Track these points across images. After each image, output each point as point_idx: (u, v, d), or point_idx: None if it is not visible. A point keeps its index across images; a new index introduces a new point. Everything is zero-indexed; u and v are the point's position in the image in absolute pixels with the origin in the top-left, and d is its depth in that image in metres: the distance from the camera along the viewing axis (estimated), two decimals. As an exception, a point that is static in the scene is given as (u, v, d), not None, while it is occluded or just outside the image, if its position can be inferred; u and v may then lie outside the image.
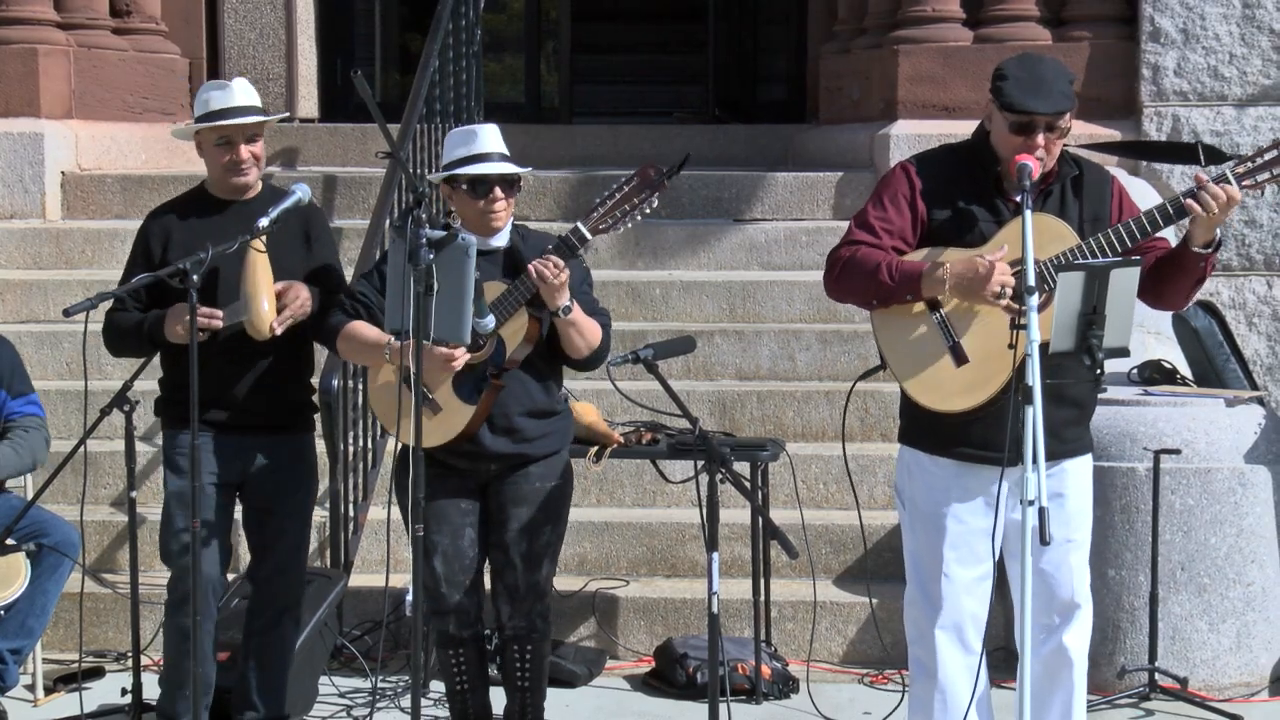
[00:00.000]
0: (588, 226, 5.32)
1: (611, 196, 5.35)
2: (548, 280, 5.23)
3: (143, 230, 5.73)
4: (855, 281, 4.91)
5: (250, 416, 5.57)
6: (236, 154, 5.57)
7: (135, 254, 5.71)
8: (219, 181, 5.66)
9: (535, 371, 5.47)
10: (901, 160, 5.08)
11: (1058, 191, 4.89)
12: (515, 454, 5.48)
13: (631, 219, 5.33)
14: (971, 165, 4.91)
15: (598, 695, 6.64)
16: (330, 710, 6.35)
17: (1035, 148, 4.76)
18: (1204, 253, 4.79)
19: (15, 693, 6.37)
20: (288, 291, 5.48)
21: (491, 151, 5.46)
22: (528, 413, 5.47)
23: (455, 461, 5.46)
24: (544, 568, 5.56)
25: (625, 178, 5.37)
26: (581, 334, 5.38)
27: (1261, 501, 6.66)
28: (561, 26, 12.77)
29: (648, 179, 5.32)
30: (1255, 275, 9.07)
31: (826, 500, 7.52)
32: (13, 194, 9.38)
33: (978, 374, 4.79)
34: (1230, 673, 6.60)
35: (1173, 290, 4.92)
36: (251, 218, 5.47)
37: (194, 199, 5.75)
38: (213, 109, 5.57)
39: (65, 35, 9.83)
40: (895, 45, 9.52)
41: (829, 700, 6.48)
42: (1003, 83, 4.79)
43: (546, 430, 5.54)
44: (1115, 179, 5.04)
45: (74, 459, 5.79)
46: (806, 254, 8.88)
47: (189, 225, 5.62)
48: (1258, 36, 9.08)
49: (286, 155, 10.48)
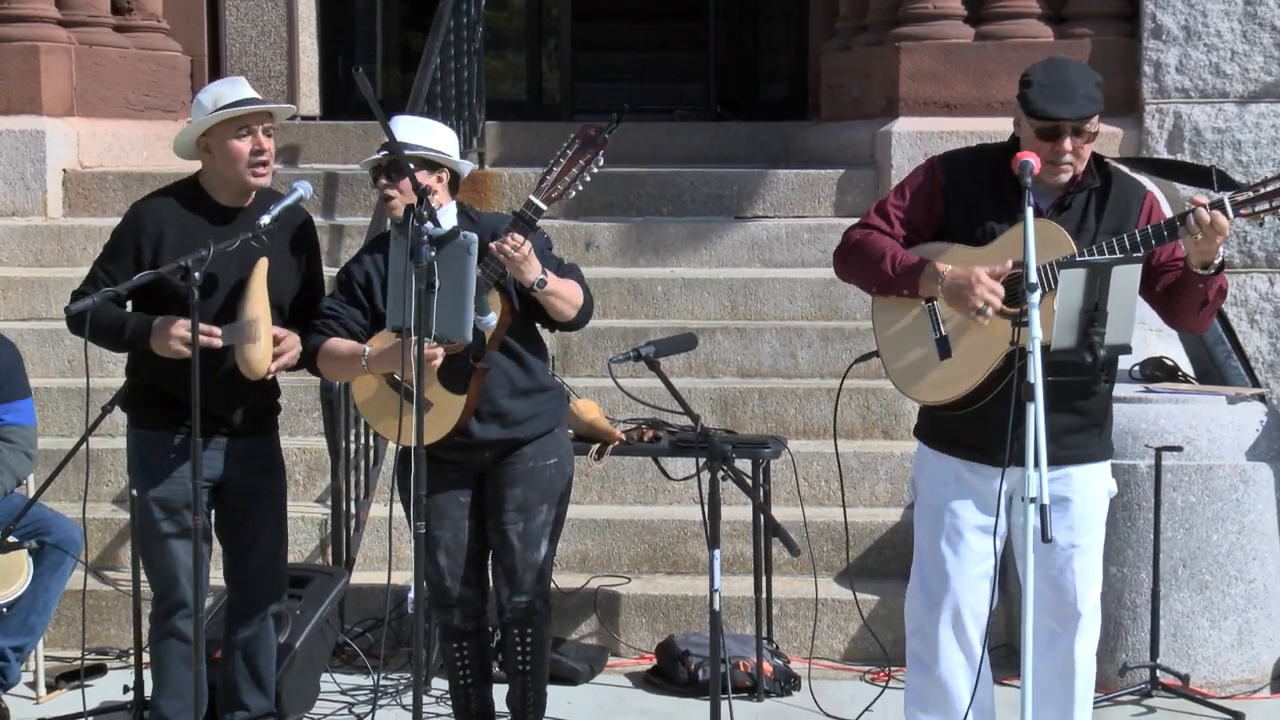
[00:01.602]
0: (540, 197, 5.30)
1: (558, 163, 5.32)
2: (513, 257, 5.19)
3: (134, 221, 5.50)
4: (860, 265, 4.99)
5: (220, 422, 5.47)
6: (258, 142, 5.38)
7: (122, 244, 5.49)
8: (236, 181, 5.44)
9: (510, 352, 5.45)
10: (933, 156, 5.14)
11: (1079, 203, 4.89)
12: (507, 439, 5.48)
13: (581, 181, 5.32)
14: (997, 168, 4.91)
15: (599, 693, 6.65)
16: (332, 707, 6.35)
17: (1064, 153, 4.78)
18: (1203, 274, 4.78)
19: (17, 690, 6.37)
20: (285, 340, 5.41)
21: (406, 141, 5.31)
22: (511, 394, 5.46)
23: (450, 455, 5.45)
24: (542, 547, 5.54)
25: (566, 143, 5.34)
26: (563, 298, 5.36)
27: (1263, 499, 6.67)
28: (563, 24, 12.77)
29: (589, 139, 5.32)
30: (1257, 272, 9.07)
31: (828, 497, 7.52)
32: (14, 191, 9.39)
33: (957, 370, 4.84)
34: (1232, 670, 6.61)
35: (1181, 310, 4.93)
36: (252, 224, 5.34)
37: (191, 202, 5.51)
38: (227, 101, 5.40)
39: (67, 33, 9.84)
40: (896, 42, 9.52)
41: (831, 697, 6.48)
42: (1028, 89, 4.81)
43: (535, 410, 5.52)
44: (1149, 195, 5.01)
45: (75, 456, 5.77)
46: (808, 251, 8.88)
47: (186, 232, 5.41)
48: (1259, 33, 9.08)
49: (288, 152, 10.47)
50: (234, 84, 5.52)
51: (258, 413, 5.63)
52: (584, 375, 7.96)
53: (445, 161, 5.45)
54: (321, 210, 9.13)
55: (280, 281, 5.46)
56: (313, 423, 7.69)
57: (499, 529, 5.54)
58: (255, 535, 5.65)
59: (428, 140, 5.43)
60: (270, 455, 5.70)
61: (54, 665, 6.70)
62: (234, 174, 5.43)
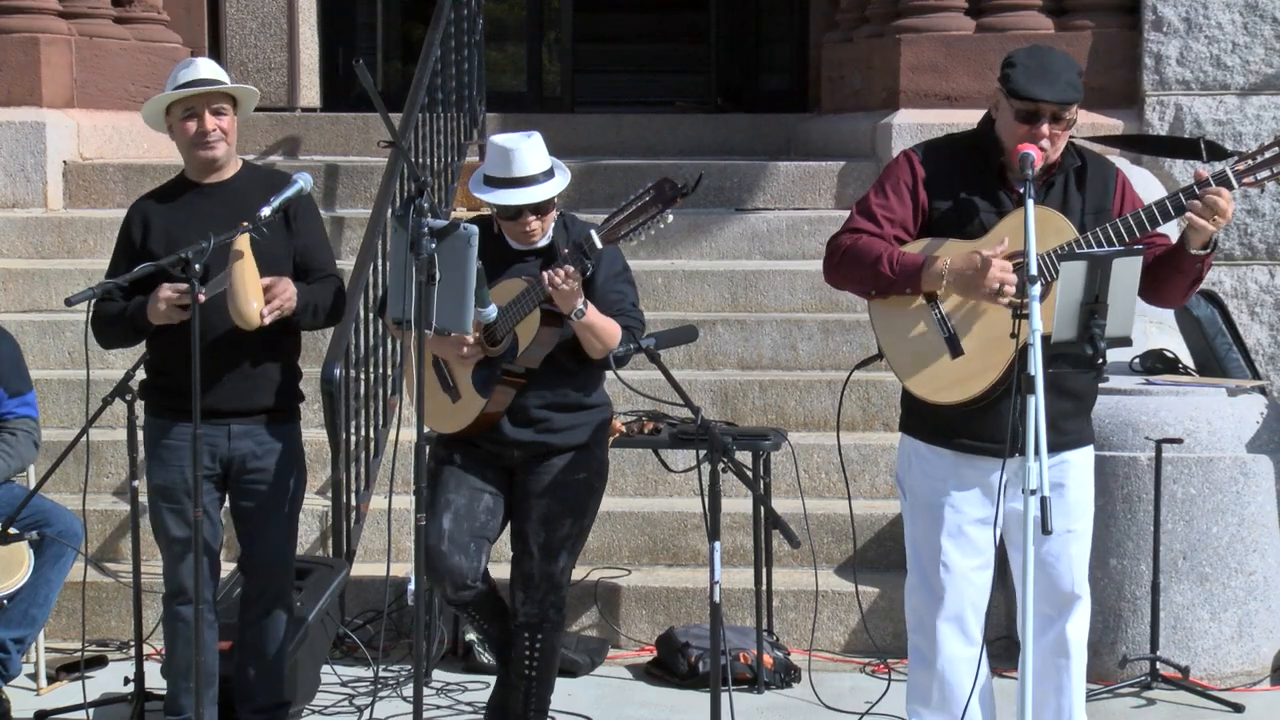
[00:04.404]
0: (600, 235, 5.32)
1: (628, 208, 5.31)
2: (558, 288, 5.25)
3: (125, 219, 5.70)
4: (855, 270, 4.92)
5: (235, 404, 5.51)
6: (202, 123, 5.51)
7: (119, 243, 5.67)
8: (190, 160, 5.62)
9: (562, 368, 5.48)
10: (905, 148, 5.09)
11: (1060, 183, 4.90)
12: (539, 443, 5.49)
13: (645, 232, 5.32)
14: (975, 155, 4.92)
15: (600, 684, 6.66)
16: (333, 699, 6.36)
17: (1040, 137, 4.77)
18: (1200, 254, 4.79)
19: (18, 681, 6.37)
20: (275, 285, 5.42)
21: (529, 174, 5.39)
22: (549, 405, 5.48)
23: (482, 443, 5.52)
24: (561, 559, 5.56)
25: (642, 189, 5.31)
26: (597, 336, 5.36)
27: (1263, 491, 6.68)
28: (564, 16, 12.78)
29: (663, 194, 5.28)
30: (1258, 264, 9.08)
31: (828, 490, 7.53)
32: (15, 183, 9.42)
33: (973, 366, 4.80)
34: (1232, 662, 6.62)
35: (1169, 289, 4.93)
36: (232, 198, 5.46)
37: (174, 186, 5.72)
38: (179, 84, 5.54)
39: (67, 24, 9.86)
40: (897, 34, 9.54)
41: (831, 689, 6.49)
42: (1011, 70, 4.81)
43: (575, 423, 5.54)
44: (1119, 171, 5.04)
45: (76, 448, 5.79)
46: (808, 243, 8.90)
47: (166, 210, 5.59)
48: (1260, 25, 9.09)
49: (289, 144, 10.50)
50: (189, 65, 5.64)
51: (274, 396, 5.62)
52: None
53: (555, 196, 5.48)
54: (322, 202, 9.13)
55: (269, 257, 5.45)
56: (313, 415, 7.66)
57: (521, 535, 5.57)
58: (268, 522, 5.67)
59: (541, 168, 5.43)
60: (287, 442, 5.68)
61: (55, 657, 6.72)
62: (185, 152, 5.63)
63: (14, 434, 6.29)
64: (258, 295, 5.36)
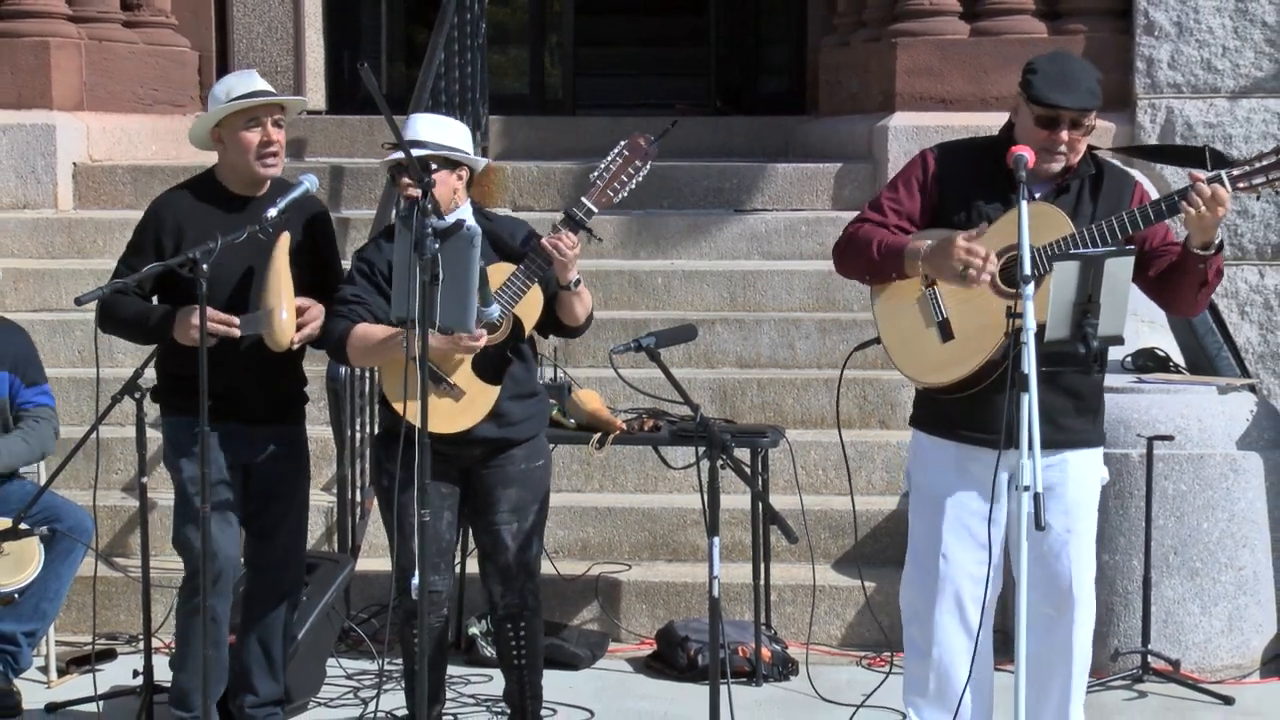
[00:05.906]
0: (592, 200, 5.42)
1: (609, 169, 5.44)
2: (566, 255, 5.32)
3: (154, 217, 5.59)
4: (854, 257, 5.04)
5: (247, 409, 5.56)
6: (267, 133, 5.47)
7: (143, 239, 5.58)
8: (246, 172, 5.54)
9: (518, 354, 5.54)
10: (925, 148, 5.17)
11: (1074, 189, 4.94)
12: (501, 438, 5.52)
13: (628, 188, 5.44)
14: (990, 157, 4.97)
15: (600, 677, 6.71)
16: (338, 692, 6.43)
17: (1059, 142, 4.84)
18: (1202, 254, 4.83)
19: (29, 674, 6.44)
20: (309, 309, 5.48)
21: (425, 140, 5.43)
22: (512, 396, 5.52)
23: (439, 447, 5.36)
24: (533, 546, 5.61)
25: (618, 150, 5.46)
26: (584, 302, 5.48)
27: (1253, 487, 6.73)
28: (565, 19, 12.80)
29: (638, 148, 5.45)
30: (1247, 264, 9.13)
31: (825, 486, 7.59)
32: (25, 184, 9.47)
33: (959, 351, 4.88)
34: (1222, 655, 6.68)
35: (1178, 294, 4.97)
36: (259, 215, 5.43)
37: (206, 193, 5.62)
38: (238, 94, 5.49)
39: (77, 28, 9.91)
40: (893, 38, 9.58)
41: (828, 682, 6.54)
42: (1032, 76, 4.87)
43: (529, 413, 5.59)
44: (1138, 184, 5.08)
45: (86, 445, 5.84)
46: (806, 244, 8.94)
47: (203, 222, 5.48)
48: (1250, 29, 9.14)
49: (294, 146, 10.51)
50: (245, 76, 5.61)
51: (283, 402, 5.70)
52: (585, 366, 8.01)
53: (465, 160, 5.52)
54: (327, 203, 9.10)
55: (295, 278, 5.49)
56: (319, 412, 7.72)
57: (490, 529, 5.57)
58: (279, 522, 5.72)
59: (446, 138, 5.49)
60: (296, 444, 5.76)
61: (65, 650, 6.76)
62: (244, 164, 5.54)
63: (36, 421, 6.36)
64: (292, 316, 5.40)
